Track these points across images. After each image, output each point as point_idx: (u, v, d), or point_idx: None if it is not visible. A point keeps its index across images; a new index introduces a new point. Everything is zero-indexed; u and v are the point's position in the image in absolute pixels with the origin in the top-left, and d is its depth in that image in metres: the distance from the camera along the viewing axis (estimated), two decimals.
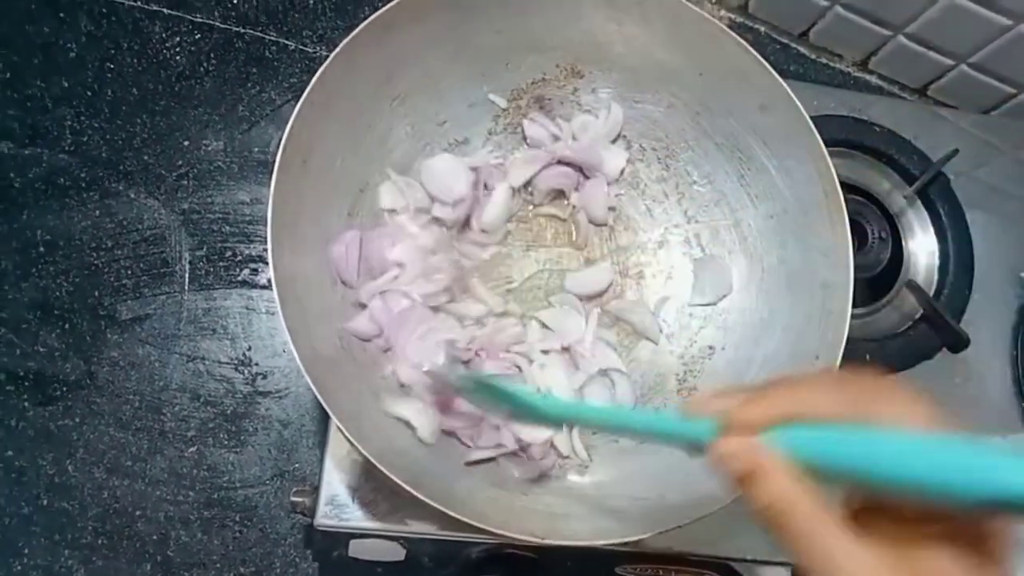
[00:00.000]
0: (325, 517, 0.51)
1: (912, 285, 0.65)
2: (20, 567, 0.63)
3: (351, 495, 0.51)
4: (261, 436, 0.68)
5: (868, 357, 0.61)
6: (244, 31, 0.76)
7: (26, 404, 0.66)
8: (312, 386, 0.42)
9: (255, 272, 0.71)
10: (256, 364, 0.69)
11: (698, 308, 0.58)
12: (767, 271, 0.55)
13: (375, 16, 0.48)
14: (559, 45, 0.56)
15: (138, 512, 0.65)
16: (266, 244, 0.43)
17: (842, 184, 0.50)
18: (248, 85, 0.75)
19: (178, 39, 0.75)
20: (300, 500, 0.52)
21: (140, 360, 0.68)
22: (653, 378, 0.56)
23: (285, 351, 0.69)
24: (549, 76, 0.58)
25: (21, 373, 0.67)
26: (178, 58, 0.74)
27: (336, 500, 0.51)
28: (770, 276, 0.55)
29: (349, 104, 0.50)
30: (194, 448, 0.67)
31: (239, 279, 0.71)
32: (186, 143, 0.73)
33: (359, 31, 0.47)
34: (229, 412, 0.68)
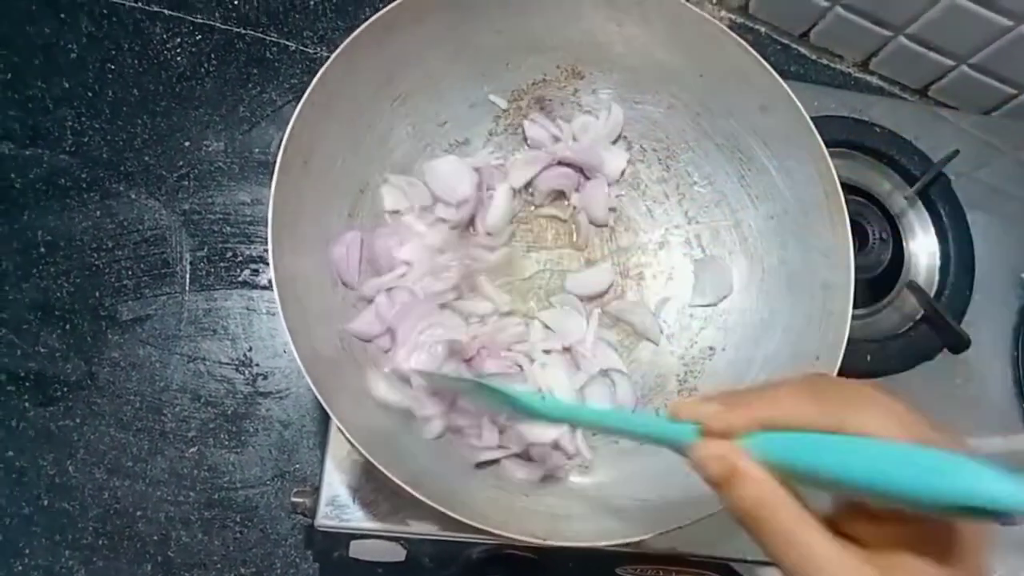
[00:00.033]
0: (326, 518, 0.50)
1: (913, 286, 0.65)
2: (21, 567, 0.63)
3: (352, 496, 0.51)
4: (262, 437, 0.68)
5: (869, 358, 0.61)
6: (245, 32, 0.76)
7: (27, 404, 0.66)
8: (312, 387, 0.42)
9: (256, 273, 0.71)
10: (257, 365, 0.69)
11: (699, 309, 0.58)
12: (768, 272, 0.55)
13: (376, 17, 0.48)
14: (559, 46, 0.56)
15: (139, 512, 0.65)
16: (267, 245, 0.43)
17: (843, 185, 0.50)
18: (249, 86, 0.75)
19: (179, 40, 0.75)
20: (301, 501, 0.52)
21: (141, 361, 0.68)
22: (654, 379, 0.56)
23: (286, 352, 0.69)
24: (549, 77, 0.58)
25: (22, 373, 0.67)
26: (179, 59, 0.74)
27: (337, 501, 0.51)
28: (771, 277, 0.55)
29: (350, 105, 0.50)
30: (195, 449, 0.67)
31: (240, 280, 0.71)
32: (187, 144, 0.73)
33: (360, 32, 0.48)
34: (230, 413, 0.68)
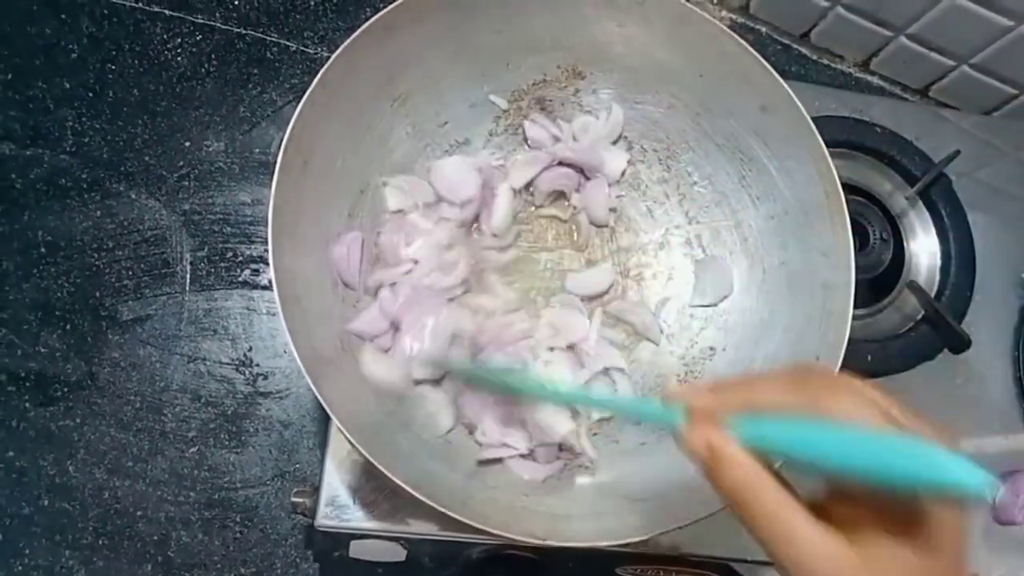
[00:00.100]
0: (326, 518, 0.50)
1: (913, 286, 0.65)
2: (21, 567, 0.63)
3: (352, 496, 0.51)
4: (262, 437, 0.68)
5: (869, 358, 0.61)
6: (245, 32, 0.76)
7: (27, 405, 0.66)
8: (312, 387, 0.42)
9: (256, 273, 0.71)
10: (257, 365, 0.69)
11: (699, 309, 0.58)
12: (768, 272, 0.55)
13: (376, 17, 0.48)
14: (560, 46, 0.56)
15: (139, 513, 0.65)
16: (267, 245, 0.43)
17: (843, 185, 0.50)
18: (249, 86, 0.75)
19: (179, 40, 0.75)
20: (301, 501, 0.52)
21: (141, 361, 0.68)
22: (654, 379, 0.56)
23: (286, 352, 0.69)
24: (550, 77, 0.58)
25: (22, 374, 0.67)
26: (179, 59, 0.75)
27: (337, 501, 0.51)
28: (771, 277, 0.55)
29: (350, 105, 0.50)
30: (195, 449, 0.67)
31: (240, 280, 0.71)
32: (187, 144, 0.73)
33: (360, 32, 0.47)
34: (230, 413, 0.68)
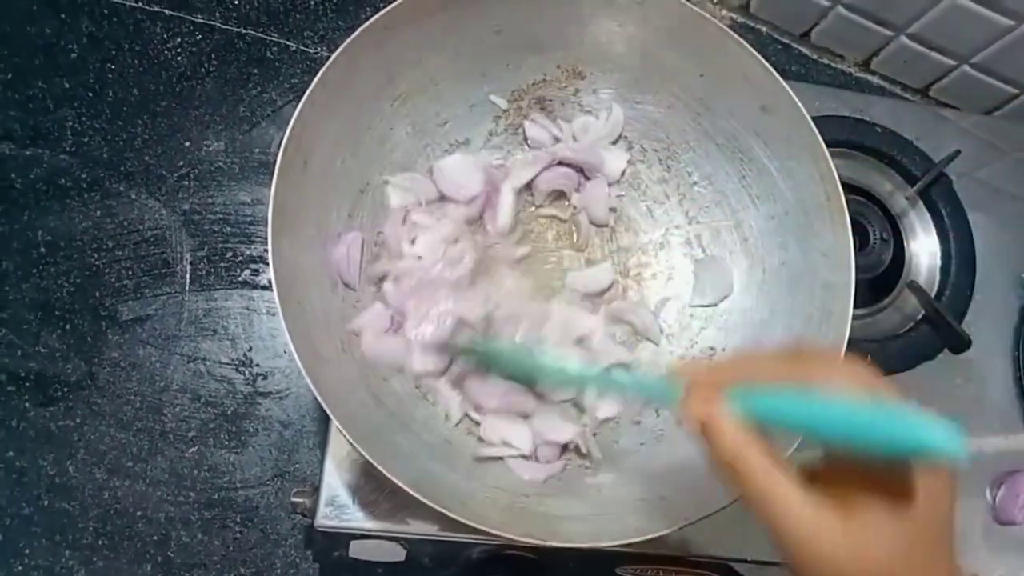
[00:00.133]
0: (325, 518, 0.50)
1: (914, 286, 0.65)
2: (21, 568, 0.63)
3: (351, 496, 0.51)
4: (262, 437, 0.68)
5: (869, 358, 0.61)
6: (245, 32, 0.76)
7: (27, 405, 0.66)
8: (312, 387, 0.42)
9: (256, 273, 0.71)
10: (257, 365, 0.69)
11: (699, 309, 0.58)
12: (768, 272, 0.55)
13: (376, 17, 0.48)
14: (560, 46, 0.56)
15: (139, 513, 0.65)
16: (267, 245, 0.43)
17: (844, 185, 0.50)
18: (249, 86, 0.75)
19: (179, 40, 0.75)
20: (300, 501, 0.52)
21: (141, 361, 0.68)
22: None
23: (286, 352, 0.69)
24: (550, 77, 0.58)
25: (22, 374, 0.67)
26: (179, 59, 0.74)
27: (336, 501, 0.51)
28: (771, 277, 0.55)
29: (350, 105, 0.50)
30: (195, 449, 0.67)
31: (240, 280, 0.71)
32: (187, 144, 0.73)
33: (360, 32, 0.47)
34: (230, 413, 0.68)
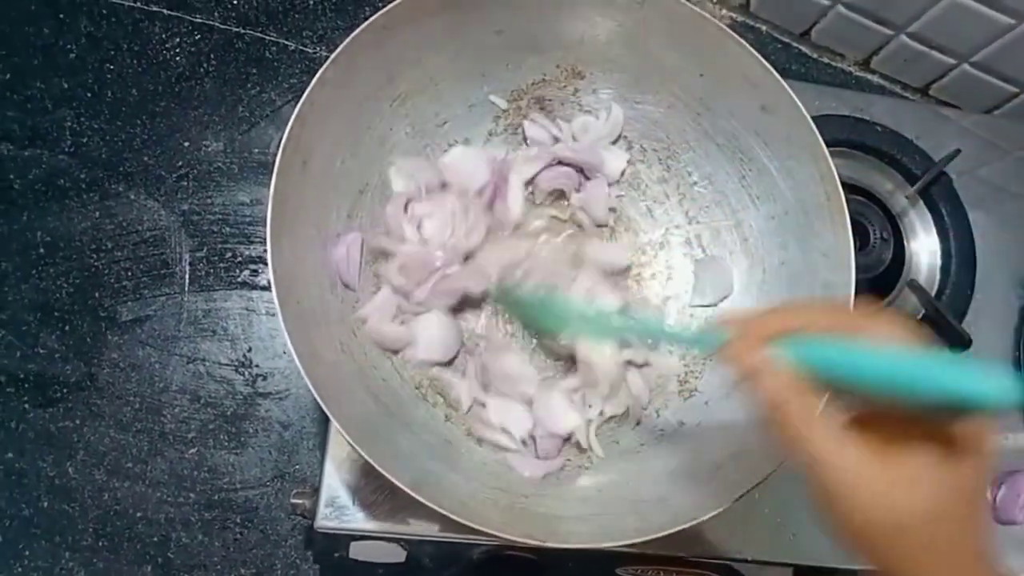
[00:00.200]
0: (325, 519, 0.50)
1: (914, 285, 0.65)
2: (21, 569, 0.63)
3: (351, 497, 0.51)
4: (261, 438, 0.68)
5: None
6: (244, 32, 0.76)
7: (26, 406, 0.66)
8: (312, 388, 0.41)
9: (255, 273, 0.71)
10: (256, 366, 0.69)
11: (699, 309, 0.58)
12: (768, 272, 0.55)
13: (375, 17, 0.48)
14: (559, 46, 0.56)
15: (139, 514, 0.65)
16: (266, 245, 0.43)
17: (844, 184, 0.50)
18: (248, 86, 0.75)
19: (178, 40, 0.75)
20: (300, 502, 0.52)
21: (140, 362, 0.68)
22: (654, 379, 0.56)
23: (285, 352, 0.69)
24: (549, 77, 0.58)
25: (21, 375, 0.67)
26: (178, 59, 0.74)
27: (336, 502, 0.51)
28: (771, 277, 0.55)
29: (349, 105, 0.50)
30: (194, 450, 0.67)
31: (239, 280, 0.71)
32: (186, 144, 0.73)
33: (359, 32, 0.47)
34: (229, 414, 0.68)
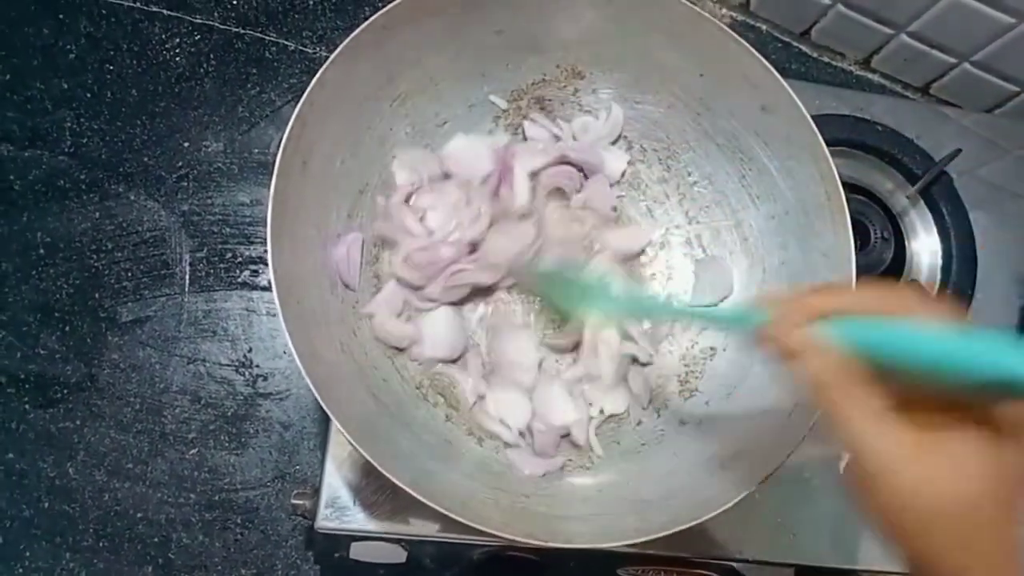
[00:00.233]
0: (326, 520, 0.50)
1: (914, 285, 0.65)
2: (21, 570, 0.63)
3: (352, 497, 0.51)
4: (262, 438, 0.68)
5: None
6: (244, 32, 0.76)
7: (27, 407, 0.66)
8: (312, 388, 0.41)
9: (255, 274, 0.71)
10: (257, 366, 0.69)
11: (699, 309, 0.58)
12: (768, 272, 0.55)
13: (375, 17, 0.48)
14: (559, 46, 0.56)
15: (139, 515, 0.65)
16: (266, 245, 0.43)
17: (844, 184, 0.50)
18: (248, 86, 0.75)
19: (178, 40, 0.75)
20: (301, 503, 0.52)
21: (141, 362, 0.68)
22: (655, 379, 0.56)
23: (286, 353, 0.69)
24: (549, 77, 0.58)
25: (22, 375, 0.67)
26: (178, 59, 0.74)
27: (337, 502, 0.51)
28: (771, 277, 0.55)
29: (349, 105, 0.50)
30: (195, 450, 0.67)
31: (239, 281, 0.71)
32: (186, 144, 0.73)
33: (359, 32, 0.47)
34: (230, 414, 0.68)
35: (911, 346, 0.30)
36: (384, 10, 0.48)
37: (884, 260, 0.65)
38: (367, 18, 0.48)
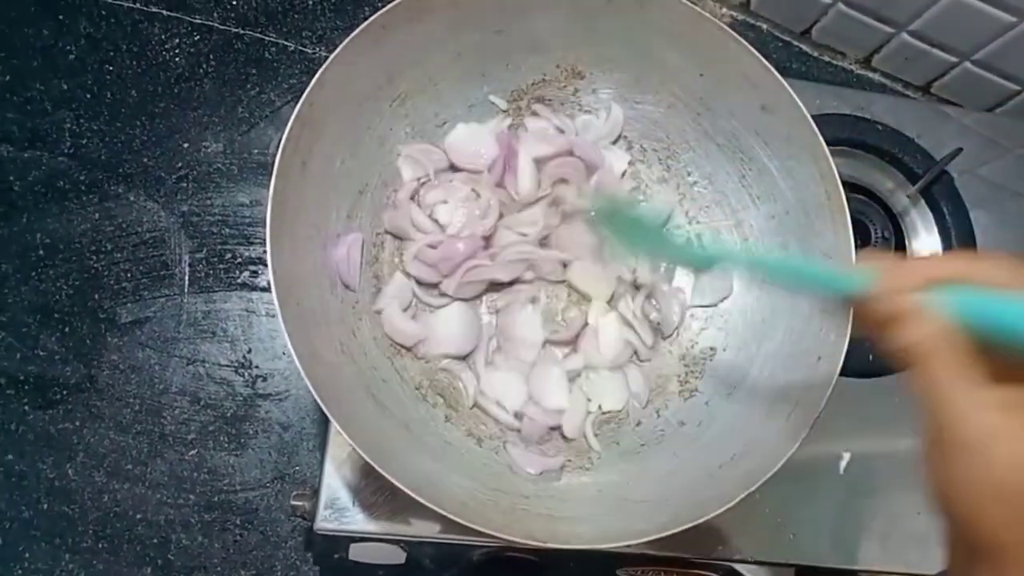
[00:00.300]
0: (325, 521, 0.50)
1: None
2: (21, 572, 0.63)
3: (351, 498, 0.51)
4: (261, 439, 0.67)
5: (871, 358, 0.61)
6: (243, 32, 0.76)
7: (26, 408, 0.66)
8: (311, 389, 0.41)
9: (255, 274, 0.71)
10: (256, 367, 0.69)
11: (699, 309, 0.57)
12: None
13: (375, 17, 0.48)
14: (559, 45, 0.56)
15: (138, 516, 0.65)
16: (266, 246, 0.43)
17: (845, 183, 0.49)
18: (247, 86, 0.75)
19: (177, 41, 0.75)
20: (300, 504, 0.52)
21: (140, 363, 0.68)
22: (655, 379, 0.56)
23: (285, 354, 0.69)
24: (549, 77, 0.58)
25: (21, 377, 0.67)
26: (177, 60, 0.74)
27: (336, 503, 0.51)
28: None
29: (349, 105, 0.50)
30: (194, 451, 0.67)
31: (239, 281, 0.71)
32: (185, 145, 0.73)
33: (359, 32, 0.47)
34: (229, 415, 0.68)
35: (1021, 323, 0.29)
36: (384, 10, 0.48)
37: None
38: (367, 18, 0.47)
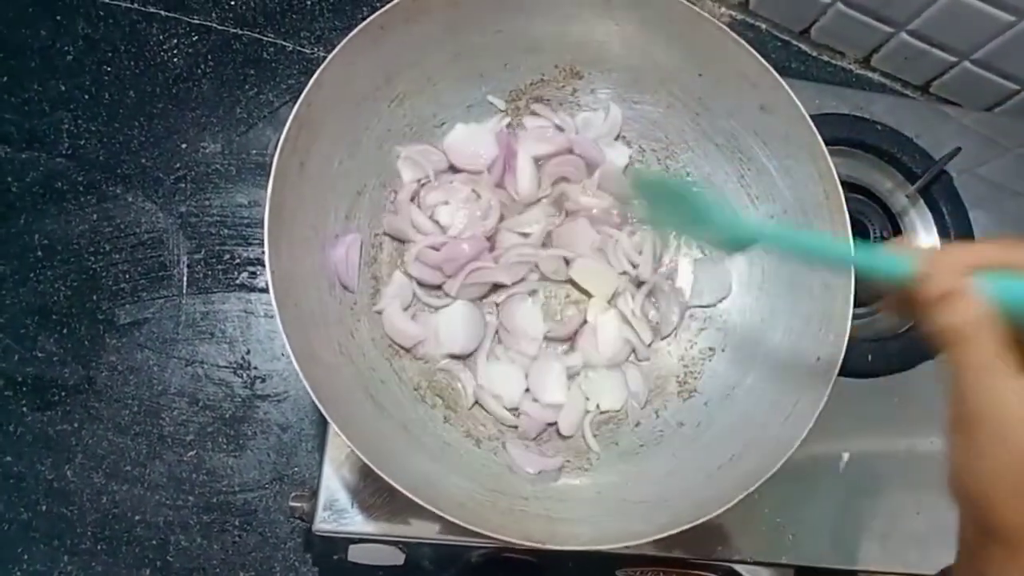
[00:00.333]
0: (324, 522, 0.50)
1: None
2: (19, 573, 0.63)
3: (350, 500, 0.51)
4: (260, 440, 0.67)
5: (870, 357, 0.61)
6: (241, 33, 0.76)
7: (25, 409, 0.66)
8: (310, 390, 0.41)
9: (253, 275, 0.71)
10: (255, 368, 0.69)
11: (698, 309, 0.57)
12: (767, 272, 0.55)
13: (373, 17, 0.48)
14: (558, 46, 0.56)
15: (137, 517, 0.65)
16: (264, 247, 0.43)
17: (844, 183, 0.49)
18: (246, 87, 0.74)
19: (175, 41, 0.75)
20: (299, 505, 0.52)
21: (138, 364, 0.68)
22: (654, 380, 0.56)
23: (284, 355, 0.69)
24: (548, 77, 0.58)
25: (19, 378, 0.66)
26: (175, 60, 0.74)
27: (335, 505, 0.51)
28: (770, 277, 0.55)
29: (347, 106, 0.50)
30: (193, 452, 0.67)
31: (237, 282, 0.71)
32: (184, 146, 0.73)
33: (357, 32, 0.47)
34: (228, 416, 0.67)
35: None
36: (382, 10, 0.48)
37: None
38: (365, 18, 0.47)
